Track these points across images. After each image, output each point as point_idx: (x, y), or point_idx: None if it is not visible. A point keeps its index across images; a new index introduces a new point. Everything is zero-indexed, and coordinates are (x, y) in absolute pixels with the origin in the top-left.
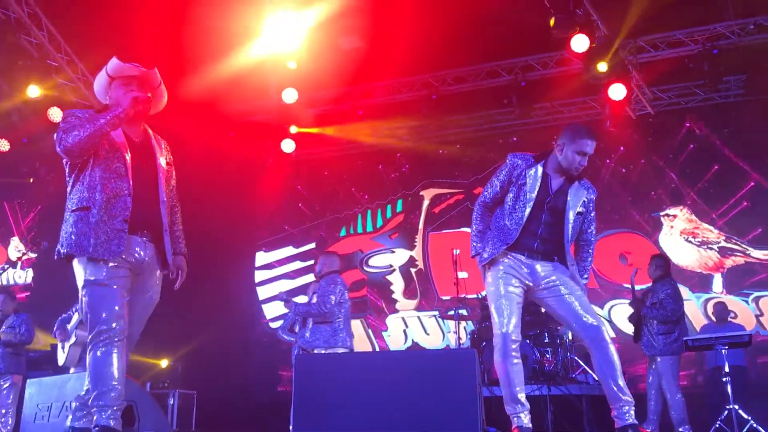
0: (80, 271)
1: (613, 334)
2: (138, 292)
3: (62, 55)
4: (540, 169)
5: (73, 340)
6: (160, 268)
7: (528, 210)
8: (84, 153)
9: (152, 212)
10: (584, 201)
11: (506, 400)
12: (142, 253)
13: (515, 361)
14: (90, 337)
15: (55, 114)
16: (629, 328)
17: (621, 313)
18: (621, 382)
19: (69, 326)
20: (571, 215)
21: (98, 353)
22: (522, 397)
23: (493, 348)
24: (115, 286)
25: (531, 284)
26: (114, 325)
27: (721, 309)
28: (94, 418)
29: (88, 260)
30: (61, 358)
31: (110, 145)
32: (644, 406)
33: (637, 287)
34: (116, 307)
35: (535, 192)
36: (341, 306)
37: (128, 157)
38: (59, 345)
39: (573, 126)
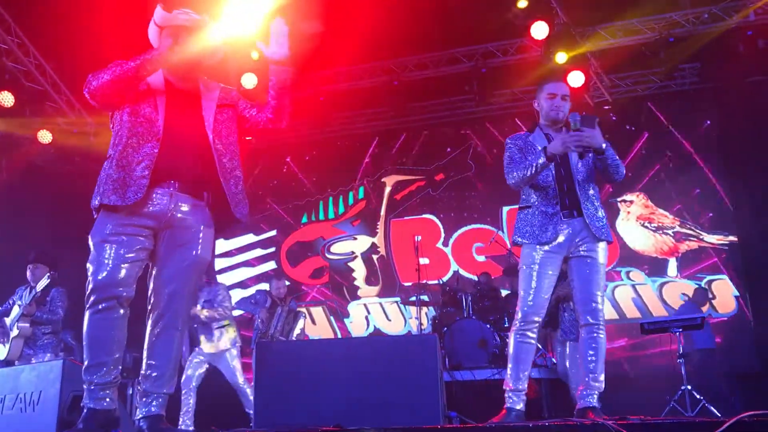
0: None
1: None
2: (171, 247)
3: (12, 37)
4: (539, 132)
5: (15, 332)
6: (204, 222)
7: (552, 171)
8: (109, 98)
9: (182, 159)
10: None
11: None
12: (166, 203)
13: (522, 339)
14: (85, 299)
15: (6, 99)
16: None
17: None
18: (600, 366)
19: (9, 319)
20: (575, 158)
21: (90, 319)
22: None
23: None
24: (113, 243)
25: (567, 250)
26: (107, 286)
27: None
28: (84, 395)
29: (101, 213)
30: (1, 353)
31: (143, 90)
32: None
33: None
34: (112, 267)
35: None
36: None
37: (161, 101)
38: None
39: (540, 81)
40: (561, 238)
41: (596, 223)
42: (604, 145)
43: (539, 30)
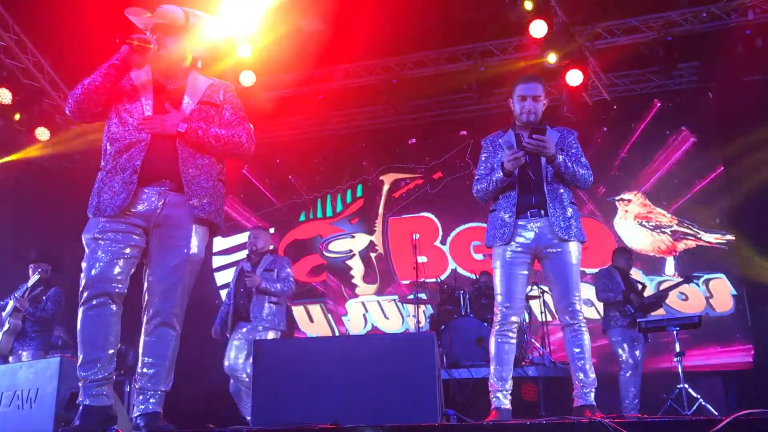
0: None
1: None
2: (162, 246)
3: (10, 34)
4: (511, 132)
5: (6, 327)
6: (195, 220)
7: (514, 173)
8: (86, 110)
9: (171, 159)
10: (561, 142)
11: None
12: (154, 202)
13: (502, 339)
14: (78, 296)
15: (4, 96)
16: None
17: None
18: (588, 364)
19: (3, 314)
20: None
21: (83, 316)
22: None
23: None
24: (105, 240)
25: (534, 250)
26: (99, 282)
27: None
28: (79, 392)
29: (91, 217)
30: None
31: (130, 95)
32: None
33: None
34: (104, 263)
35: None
36: None
37: (149, 104)
38: None
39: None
40: (527, 238)
41: (561, 223)
42: (557, 154)
43: (537, 29)
